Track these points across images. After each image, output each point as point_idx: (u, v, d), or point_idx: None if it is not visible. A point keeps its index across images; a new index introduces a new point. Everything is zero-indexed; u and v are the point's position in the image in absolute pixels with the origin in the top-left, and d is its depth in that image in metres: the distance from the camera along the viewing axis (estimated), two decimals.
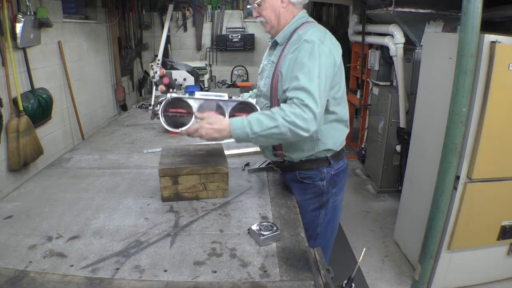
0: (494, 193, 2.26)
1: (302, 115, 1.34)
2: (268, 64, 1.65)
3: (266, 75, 1.66)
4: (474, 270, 2.51)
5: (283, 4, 1.54)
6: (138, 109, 3.75)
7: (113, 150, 2.43)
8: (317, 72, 1.39)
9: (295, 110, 1.35)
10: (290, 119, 1.34)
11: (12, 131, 2.75)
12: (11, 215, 1.54)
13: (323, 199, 1.69)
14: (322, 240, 1.77)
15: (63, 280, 1.12)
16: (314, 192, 1.68)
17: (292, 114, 1.35)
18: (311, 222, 1.72)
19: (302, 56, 1.42)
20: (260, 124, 1.37)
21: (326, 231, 1.78)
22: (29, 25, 2.93)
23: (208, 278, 1.17)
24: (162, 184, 1.64)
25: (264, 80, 1.67)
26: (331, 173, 1.66)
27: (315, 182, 1.66)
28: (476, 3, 1.79)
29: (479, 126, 2.11)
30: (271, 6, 1.54)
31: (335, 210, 1.76)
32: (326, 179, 1.66)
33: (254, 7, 1.57)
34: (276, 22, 1.57)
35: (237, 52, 6.35)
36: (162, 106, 1.51)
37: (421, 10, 3.28)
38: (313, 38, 1.43)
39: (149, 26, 6.15)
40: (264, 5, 1.54)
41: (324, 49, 1.43)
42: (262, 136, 1.39)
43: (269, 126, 1.36)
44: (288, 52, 1.50)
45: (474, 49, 1.88)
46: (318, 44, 1.42)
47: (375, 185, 4.13)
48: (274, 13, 1.55)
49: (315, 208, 1.71)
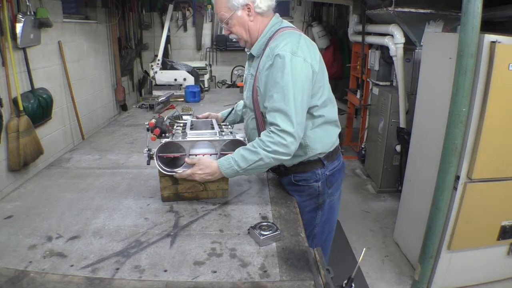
0: (494, 193, 2.26)
1: (281, 141, 1.41)
2: (248, 76, 1.67)
3: (247, 87, 1.68)
4: (474, 270, 2.51)
5: (251, 18, 1.53)
6: (138, 109, 3.75)
7: (113, 150, 2.43)
8: (291, 91, 1.40)
9: (273, 139, 1.42)
10: (271, 149, 1.43)
11: (12, 131, 2.76)
12: (11, 215, 1.54)
13: (319, 200, 1.70)
14: (320, 240, 1.77)
15: (63, 280, 1.12)
16: (309, 194, 1.69)
17: (272, 144, 1.42)
18: (308, 223, 1.72)
19: (275, 74, 1.42)
20: (245, 160, 1.46)
21: (323, 231, 1.78)
22: (29, 25, 2.93)
23: (208, 278, 1.17)
24: (162, 184, 1.64)
25: (247, 92, 1.69)
26: (326, 174, 1.66)
27: (310, 184, 1.66)
28: (476, 3, 1.79)
29: (479, 126, 2.11)
30: (239, 22, 1.54)
31: (331, 210, 1.77)
32: (321, 180, 1.66)
33: (224, 26, 1.59)
34: (247, 36, 1.57)
35: (237, 52, 6.35)
36: (157, 151, 1.58)
37: (421, 10, 3.29)
38: (285, 52, 1.41)
39: (149, 26, 6.15)
40: (232, 23, 1.54)
41: (298, 61, 1.42)
42: (250, 169, 1.49)
43: (253, 160, 1.45)
44: (263, 68, 1.49)
45: (474, 49, 1.88)
46: (290, 58, 1.40)
47: (375, 185, 4.13)
48: (243, 27, 1.55)
49: (312, 209, 1.72)
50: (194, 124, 1.87)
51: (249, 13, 1.52)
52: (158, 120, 1.69)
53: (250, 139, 1.69)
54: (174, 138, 1.59)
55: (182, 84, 4.33)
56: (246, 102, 1.69)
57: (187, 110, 3.19)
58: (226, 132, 1.69)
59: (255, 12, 1.52)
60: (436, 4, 3.25)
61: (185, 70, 4.44)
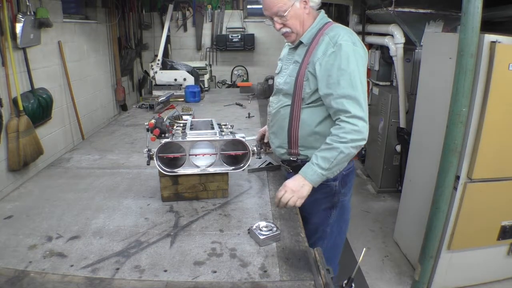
0: (494, 193, 2.26)
1: (353, 129, 1.42)
2: (290, 63, 1.64)
3: (288, 73, 1.64)
4: (474, 270, 2.51)
5: (306, 10, 1.55)
6: (138, 109, 3.75)
7: (113, 150, 2.43)
8: (358, 77, 1.44)
9: (346, 129, 1.42)
10: (347, 139, 1.42)
11: (12, 131, 2.75)
12: (11, 215, 1.54)
13: (335, 199, 1.68)
14: (330, 240, 1.75)
15: (63, 280, 1.12)
16: (326, 192, 1.66)
17: (346, 133, 1.42)
18: (321, 222, 1.71)
19: (340, 61, 1.44)
20: (326, 160, 1.45)
21: (333, 231, 1.76)
22: (29, 25, 2.93)
23: (208, 278, 1.17)
24: (162, 184, 1.64)
25: (285, 78, 1.64)
26: (343, 173, 1.64)
27: (328, 182, 1.63)
28: (476, 3, 1.79)
29: (479, 126, 2.11)
30: (296, 14, 1.54)
31: (344, 210, 1.75)
32: (338, 179, 1.65)
33: (276, 20, 1.56)
34: (300, 28, 1.57)
35: (237, 52, 6.35)
36: (157, 151, 1.58)
37: (421, 10, 3.28)
38: (348, 42, 1.46)
39: (149, 26, 6.15)
40: (289, 15, 1.53)
41: (360, 52, 1.48)
42: (334, 166, 1.47)
43: (334, 156, 1.44)
44: (324, 55, 1.49)
45: (474, 49, 1.88)
46: (352, 48, 1.45)
47: (375, 185, 4.13)
48: (298, 19, 1.55)
49: (326, 208, 1.70)
50: (194, 124, 1.87)
51: (305, 6, 1.54)
52: (157, 120, 1.69)
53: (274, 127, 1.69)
54: (174, 138, 1.59)
55: (182, 84, 4.33)
56: (284, 87, 1.63)
57: (187, 110, 3.19)
58: (226, 132, 1.69)
59: (309, 6, 1.55)
60: (436, 4, 3.25)
61: (185, 70, 4.44)
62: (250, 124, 3.06)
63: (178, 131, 1.71)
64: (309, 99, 1.55)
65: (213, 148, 1.63)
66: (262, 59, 6.44)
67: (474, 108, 2.07)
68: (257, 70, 6.42)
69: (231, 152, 1.65)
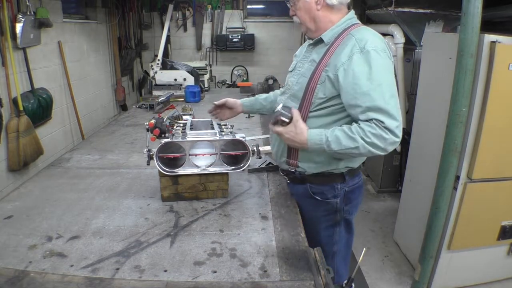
0: (494, 193, 2.26)
1: (382, 135, 1.28)
2: (306, 62, 1.52)
3: (301, 72, 1.52)
4: (474, 270, 2.51)
5: (318, 7, 1.43)
6: (138, 109, 3.75)
7: (113, 150, 2.43)
8: (389, 89, 1.31)
9: (376, 131, 1.28)
10: (370, 140, 1.29)
11: (12, 131, 2.75)
12: (11, 215, 1.54)
13: (337, 217, 1.59)
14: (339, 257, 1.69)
15: (63, 280, 1.12)
16: (326, 209, 1.58)
17: (373, 135, 1.29)
18: (327, 242, 1.63)
19: (370, 70, 1.31)
20: (339, 143, 1.32)
21: (340, 249, 1.69)
22: (29, 25, 2.93)
23: (208, 278, 1.17)
24: (162, 184, 1.64)
25: (298, 77, 1.53)
26: (345, 190, 1.55)
27: (328, 200, 1.55)
28: (476, 3, 1.79)
29: (479, 126, 2.11)
30: (305, 8, 1.45)
31: (348, 228, 1.67)
32: (339, 196, 1.55)
33: (290, 6, 1.52)
34: (311, 23, 1.47)
35: (237, 52, 6.35)
36: (157, 151, 1.57)
37: (421, 10, 3.28)
38: (377, 48, 1.33)
39: (149, 26, 6.15)
40: (298, 5, 1.47)
41: (388, 61, 1.35)
42: (337, 153, 1.36)
43: (348, 147, 1.31)
44: (347, 59, 1.35)
45: (474, 49, 1.88)
46: (383, 56, 1.33)
47: (375, 185, 4.13)
48: (308, 14, 1.46)
49: (329, 226, 1.62)
50: (194, 124, 1.87)
51: (318, 2, 1.43)
52: (157, 120, 1.69)
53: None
54: (174, 138, 1.59)
55: (182, 84, 4.32)
56: (295, 87, 1.52)
57: (187, 110, 3.19)
58: (226, 132, 1.69)
59: (325, 3, 1.43)
60: (436, 4, 3.25)
61: (185, 70, 4.44)
62: (250, 124, 3.06)
63: (178, 131, 1.71)
64: (319, 105, 1.42)
65: (213, 148, 1.63)
66: (262, 59, 6.44)
67: (474, 108, 2.07)
68: (257, 70, 6.42)
69: (231, 152, 1.65)
